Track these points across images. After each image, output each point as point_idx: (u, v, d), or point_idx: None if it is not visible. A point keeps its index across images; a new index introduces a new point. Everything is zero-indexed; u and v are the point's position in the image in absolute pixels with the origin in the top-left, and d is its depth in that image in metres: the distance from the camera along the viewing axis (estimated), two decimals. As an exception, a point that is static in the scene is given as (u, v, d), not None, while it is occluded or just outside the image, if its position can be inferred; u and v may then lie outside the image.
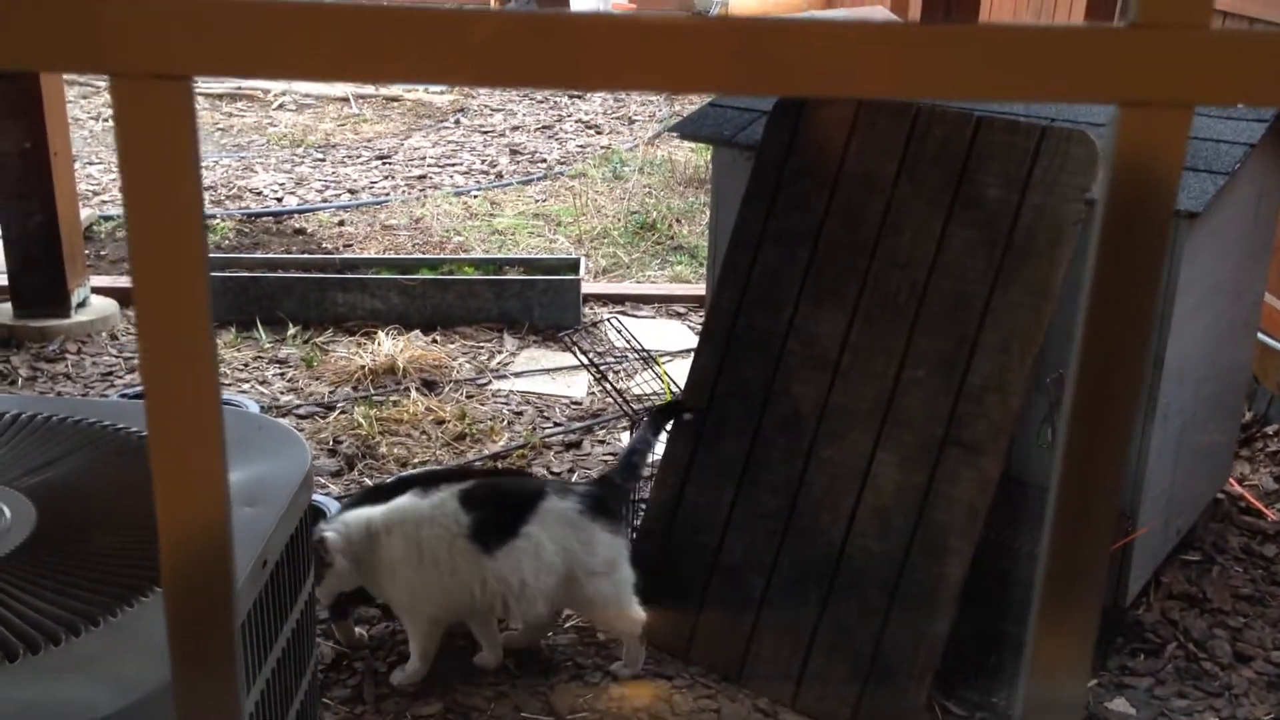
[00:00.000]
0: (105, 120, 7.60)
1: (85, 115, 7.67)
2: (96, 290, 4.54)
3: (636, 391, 3.57)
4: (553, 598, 2.57)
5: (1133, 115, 0.37)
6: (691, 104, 7.93)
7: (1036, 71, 0.37)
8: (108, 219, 5.62)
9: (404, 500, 2.57)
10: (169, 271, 0.38)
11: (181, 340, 0.39)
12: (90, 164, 6.60)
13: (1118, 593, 2.76)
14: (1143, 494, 2.67)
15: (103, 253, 5.24)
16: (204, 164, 6.64)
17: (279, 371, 4.07)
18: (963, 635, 2.50)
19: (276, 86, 8.35)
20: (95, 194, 6.10)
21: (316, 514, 2.78)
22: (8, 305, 4.33)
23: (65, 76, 8.68)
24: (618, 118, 7.99)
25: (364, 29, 0.37)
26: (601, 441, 3.68)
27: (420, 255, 5.07)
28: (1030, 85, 0.37)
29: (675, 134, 3.30)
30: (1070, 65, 0.37)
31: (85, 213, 5.48)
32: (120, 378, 4.03)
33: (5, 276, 4.35)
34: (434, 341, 4.27)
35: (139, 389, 3.50)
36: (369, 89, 8.49)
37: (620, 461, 2.77)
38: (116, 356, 4.19)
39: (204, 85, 8.34)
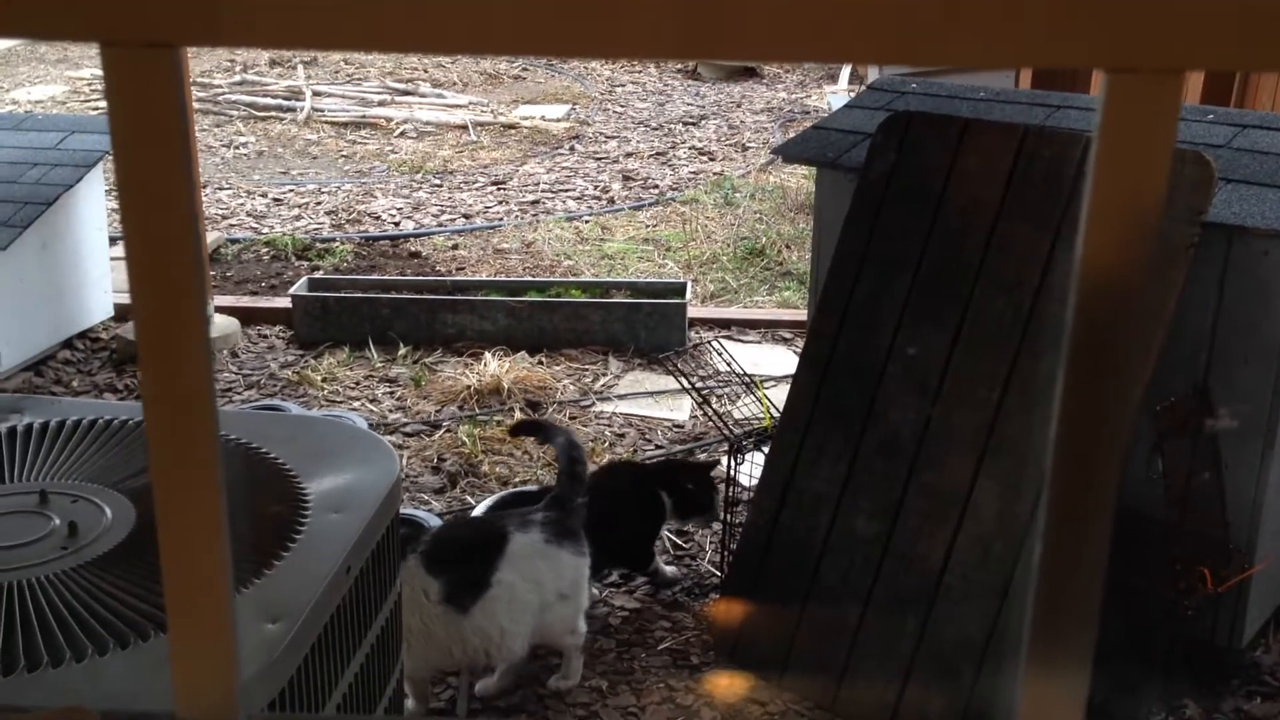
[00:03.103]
0: (237, 148, 7.88)
1: (217, 143, 7.97)
2: (219, 309, 4.71)
3: (738, 415, 3.56)
4: (530, 635, 2.53)
5: (1122, 82, 0.36)
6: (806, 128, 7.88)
7: (1021, 36, 0.36)
8: (235, 241, 5.81)
9: None
10: (162, 240, 0.39)
11: (177, 338, 0.40)
12: (220, 189, 6.85)
13: (1233, 633, 2.64)
14: (1260, 529, 2.56)
15: (228, 274, 5.42)
16: (326, 189, 6.84)
17: (389, 390, 4.16)
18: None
19: (399, 115, 8.56)
20: (224, 218, 6.32)
21: (415, 528, 2.82)
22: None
23: (197, 105, 9.01)
24: (731, 144, 7.99)
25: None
26: (702, 465, 3.67)
27: (529, 278, 5.14)
28: (1016, 51, 0.36)
29: (778, 156, 3.29)
30: (1056, 30, 0.36)
31: (213, 236, 5.69)
32: (239, 393, 4.16)
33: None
34: (539, 363, 4.32)
35: (256, 403, 3.59)
36: (488, 117, 8.65)
37: (564, 477, 2.66)
38: (236, 373, 4.32)
39: (330, 114, 8.60)
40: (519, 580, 2.48)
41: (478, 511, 2.98)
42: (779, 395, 3.76)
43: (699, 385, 3.61)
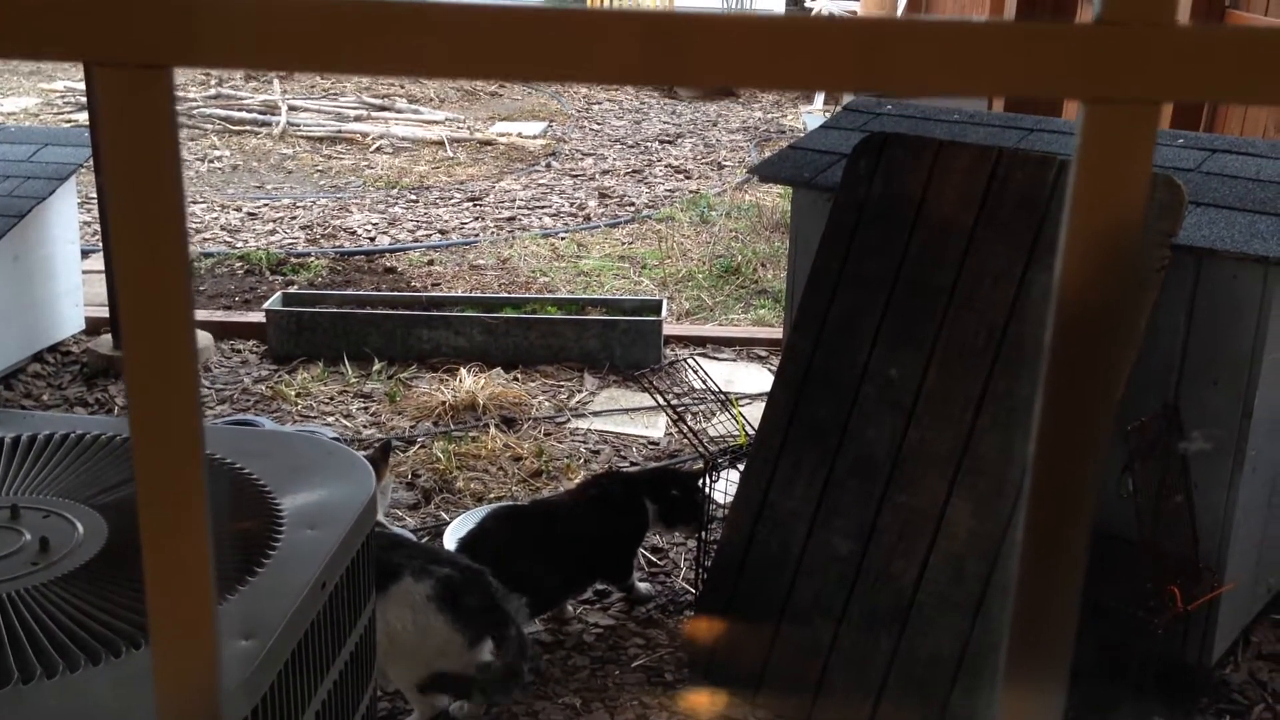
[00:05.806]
0: (211, 161, 7.85)
1: (192, 157, 7.94)
2: (193, 323, 4.67)
3: (713, 432, 3.57)
4: (383, 669, 2.37)
5: (1100, 112, 0.37)
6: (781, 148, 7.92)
7: (1004, 66, 0.37)
8: (208, 256, 5.79)
9: None
10: (152, 261, 0.39)
11: (165, 338, 0.40)
12: (194, 203, 6.82)
13: (1203, 651, 2.66)
14: (1230, 548, 2.58)
15: (201, 288, 5.40)
16: (301, 204, 6.82)
17: (363, 406, 4.14)
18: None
19: (375, 130, 8.55)
20: (198, 231, 6.30)
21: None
22: (108, 337, 4.48)
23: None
24: (707, 163, 8.03)
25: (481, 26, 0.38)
26: (677, 482, 3.67)
27: (505, 295, 5.14)
28: (998, 80, 0.37)
29: (754, 175, 3.31)
30: (1037, 61, 0.37)
31: (186, 249, 5.65)
32: (212, 408, 4.13)
33: (107, 310, 4.51)
34: (515, 379, 4.31)
35: (230, 418, 3.57)
36: (464, 133, 8.66)
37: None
38: (209, 387, 4.30)
39: (306, 129, 8.58)
40: (379, 619, 2.25)
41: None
42: (754, 413, 3.77)
43: (674, 402, 3.61)
